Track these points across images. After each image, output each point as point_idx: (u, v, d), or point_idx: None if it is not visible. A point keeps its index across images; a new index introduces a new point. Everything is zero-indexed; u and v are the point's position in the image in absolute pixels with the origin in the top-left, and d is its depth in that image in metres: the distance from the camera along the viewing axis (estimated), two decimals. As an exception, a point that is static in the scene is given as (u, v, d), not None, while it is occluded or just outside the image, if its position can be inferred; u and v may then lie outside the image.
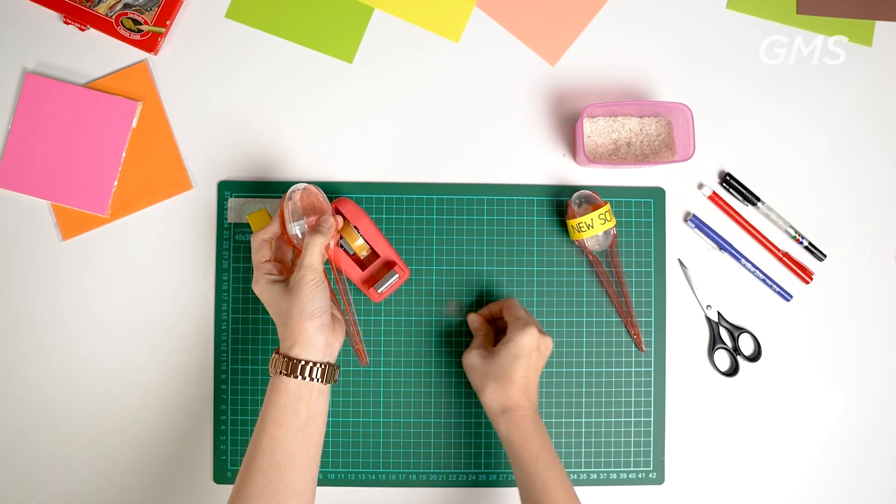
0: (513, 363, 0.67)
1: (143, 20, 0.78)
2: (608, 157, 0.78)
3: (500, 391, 0.67)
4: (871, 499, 0.79)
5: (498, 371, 0.67)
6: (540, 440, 0.66)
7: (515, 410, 0.66)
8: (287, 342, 0.63)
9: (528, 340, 0.68)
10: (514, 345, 0.67)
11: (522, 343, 0.67)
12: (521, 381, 0.67)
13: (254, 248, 0.68)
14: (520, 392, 0.67)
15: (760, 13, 0.81)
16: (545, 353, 0.69)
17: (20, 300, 0.77)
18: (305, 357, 0.62)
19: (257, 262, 0.68)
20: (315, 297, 0.63)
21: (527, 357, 0.67)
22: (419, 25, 0.81)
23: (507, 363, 0.67)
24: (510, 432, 0.66)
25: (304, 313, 0.62)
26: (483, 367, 0.69)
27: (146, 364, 0.77)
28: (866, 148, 0.81)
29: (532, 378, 0.68)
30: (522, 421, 0.66)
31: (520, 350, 0.67)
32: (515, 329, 0.68)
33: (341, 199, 0.73)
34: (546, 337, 0.69)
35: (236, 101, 0.79)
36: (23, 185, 0.77)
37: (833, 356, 0.80)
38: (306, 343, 0.62)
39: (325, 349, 0.63)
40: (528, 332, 0.68)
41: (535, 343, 0.68)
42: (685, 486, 0.78)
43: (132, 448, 0.77)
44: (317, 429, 0.63)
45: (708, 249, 0.80)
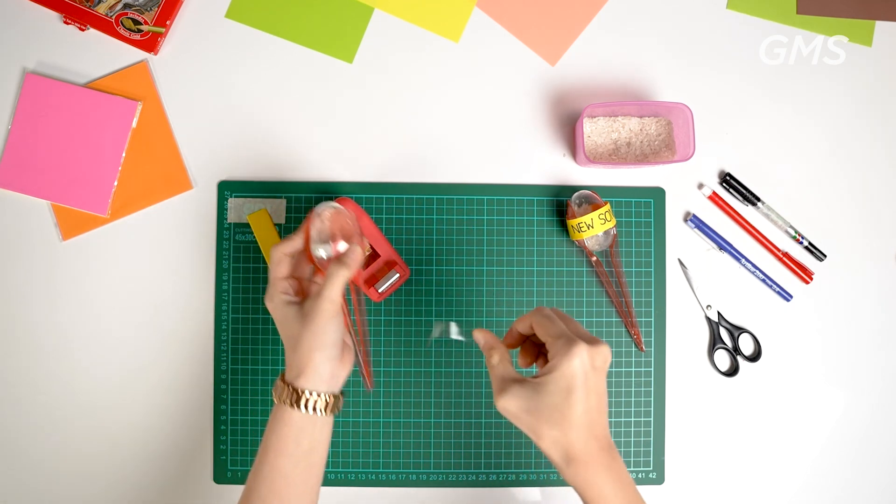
0: (567, 399, 0.52)
1: (143, 20, 0.78)
2: (608, 157, 0.78)
3: (561, 437, 0.53)
4: (871, 499, 0.79)
5: (551, 412, 0.53)
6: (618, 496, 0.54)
7: (584, 462, 0.53)
8: (293, 370, 0.61)
9: (579, 364, 0.52)
10: (561, 375, 0.53)
11: (572, 371, 0.52)
12: (584, 418, 0.53)
13: (273, 262, 0.65)
14: (585, 434, 0.53)
15: (760, 13, 0.81)
16: (603, 368, 0.54)
17: (20, 300, 0.77)
18: (311, 388, 0.60)
19: (275, 277, 0.64)
20: (329, 329, 0.61)
21: (583, 385, 0.53)
22: (419, 25, 0.81)
23: (559, 400, 0.53)
24: (582, 490, 0.54)
25: (315, 344, 0.60)
26: (531, 409, 0.53)
27: (146, 364, 0.77)
28: (866, 148, 0.81)
29: (596, 408, 0.54)
30: (594, 475, 0.53)
31: (571, 380, 0.52)
32: (558, 352, 0.53)
33: (341, 198, 0.74)
34: (599, 346, 0.54)
35: (236, 101, 0.79)
36: (23, 185, 0.77)
37: (833, 356, 0.80)
38: (312, 374, 0.60)
39: (332, 380, 0.61)
40: (576, 351, 0.53)
41: (587, 363, 0.53)
42: (685, 486, 0.78)
43: (132, 448, 0.77)
44: (318, 458, 0.62)
45: (708, 249, 0.80)
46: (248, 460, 0.77)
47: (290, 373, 0.61)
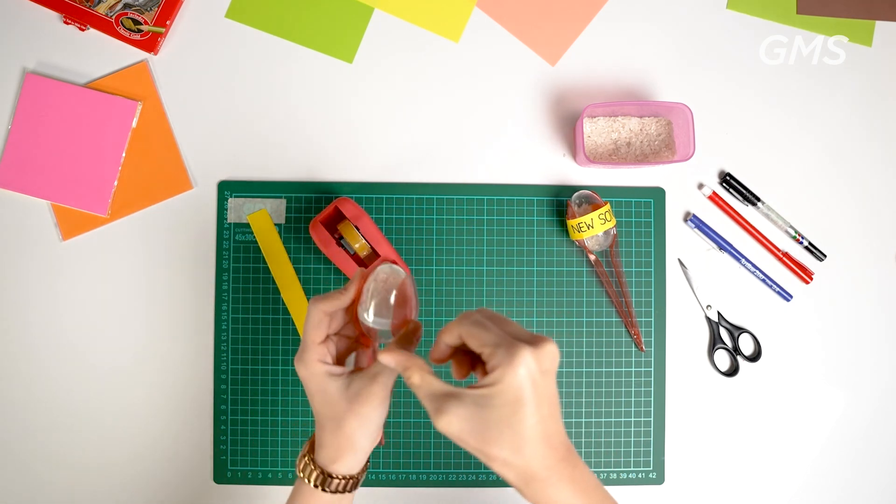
0: (515, 413, 0.45)
1: (143, 20, 0.78)
2: (608, 157, 0.78)
3: (513, 457, 0.46)
4: (871, 499, 0.79)
5: (500, 430, 0.46)
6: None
7: (543, 479, 0.47)
8: (329, 452, 0.55)
9: (525, 372, 0.45)
10: (507, 388, 0.45)
11: (518, 382, 0.45)
12: (537, 432, 0.46)
13: (311, 322, 0.55)
14: (542, 448, 0.46)
15: (760, 13, 0.81)
16: (552, 370, 0.47)
17: (20, 300, 0.77)
18: (346, 472, 0.55)
19: (312, 340, 0.55)
20: (378, 418, 0.55)
21: (532, 395, 0.46)
22: (419, 25, 0.81)
23: (506, 415, 0.45)
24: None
25: (364, 430, 0.54)
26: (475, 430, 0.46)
27: (146, 364, 0.77)
28: (866, 148, 0.81)
29: (550, 416, 0.47)
30: (557, 492, 0.47)
31: (519, 392, 0.45)
32: (500, 362, 0.46)
33: (341, 198, 0.74)
34: (544, 346, 0.47)
35: (236, 101, 0.79)
36: (23, 185, 0.77)
37: (833, 356, 0.80)
38: (351, 458, 0.55)
39: (365, 458, 0.57)
40: (520, 359, 0.45)
41: (535, 369, 0.46)
42: (685, 486, 0.78)
43: (132, 448, 0.77)
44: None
45: (708, 249, 0.80)
46: (248, 460, 0.77)
47: (325, 454, 0.55)
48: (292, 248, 0.78)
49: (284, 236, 0.78)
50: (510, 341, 0.46)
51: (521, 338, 0.47)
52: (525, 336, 0.48)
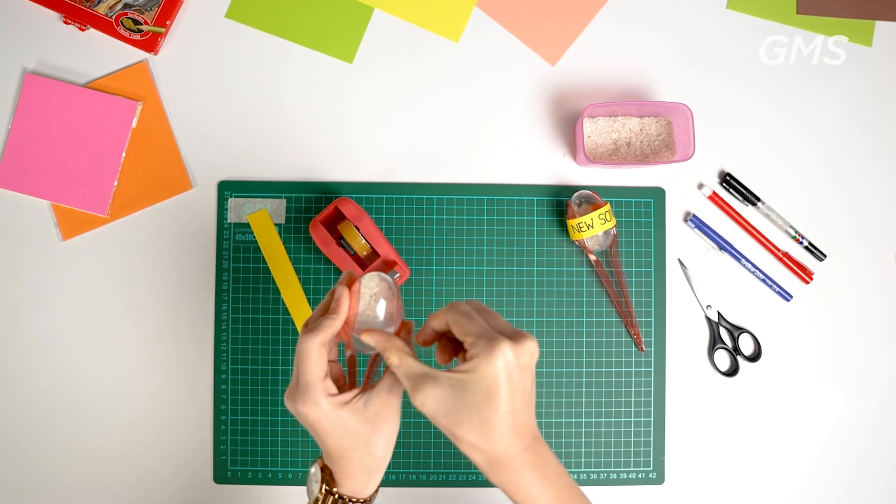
0: (487, 402, 0.47)
1: (143, 20, 0.78)
2: (608, 157, 0.78)
3: (480, 441, 0.48)
4: (872, 499, 0.79)
5: (470, 414, 0.47)
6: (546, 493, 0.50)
7: (507, 464, 0.49)
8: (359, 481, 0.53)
9: (502, 364, 0.47)
10: (482, 377, 0.47)
11: (494, 372, 0.47)
12: (506, 421, 0.48)
13: (311, 359, 0.51)
14: (507, 436, 0.48)
15: (760, 13, 0.81)
16: (530, 365, 0.49)
17: (20, 300, 0.77)
18: (369, 494, 0.54)
19: (315, 377, 0.51)
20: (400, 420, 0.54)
21: (506, 387, 0.47)
22: (419, 25, 0.81)
23: (478, 402, 0.47)
24: (509, 492, 0.51)
25: (390, 446, 0.53)
26: (448, 411, 0.48)
27: (146, 364, 0.77)
28: (866, 148, 0.81)
29: (522, 407, 0.49)
30: (520, 477, 0.49)
31: (493, 382, 0.47)
32: (480, 352, 0.47)
33: (341, 198, 0.74)
34: (524, 342, 0.48)
35: (236, 100, 0.79)
36: (23, 185, 0.77)
37: (833, 356, 0.79)
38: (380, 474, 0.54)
39: None
40: (499, 351, 0.47)
41: (512, 362, 0.47)
42: (685, 486, 0.78)
43: (132, 447, 0.77)
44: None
45: (708, 249, 0.80)
46: (248, 460, 0.77)
47: (355, 484, 0.53)
48: (292, 248, 0.78)
49: (284, 236, 0.78)
50: (493, 334, 0.48)
51: (504, 332, 0.49)
52: (507, 331, 0.49)
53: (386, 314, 0.52)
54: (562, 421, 0.78)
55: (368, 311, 0.52)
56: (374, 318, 0.52)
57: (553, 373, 0.78)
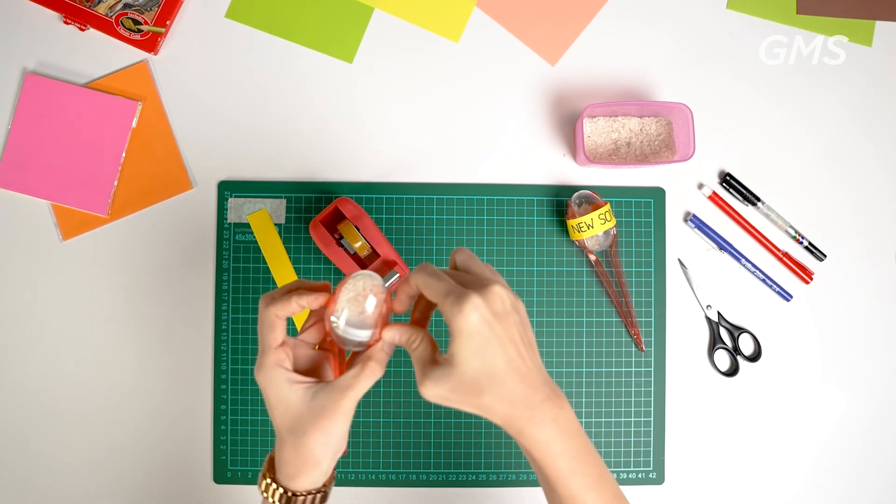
0: (482, 360, 0.46)
1: (143, 20, 0.78)
2: (608, 157, 0.78)
3: (495, 402, 0.47)
4: (872, 499, 0.79)
5: (476, 380, 0.46)
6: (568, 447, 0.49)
7: (527, 418, 0.48)
8: (290, 470, 0.51)
9: (476, 318, 0.46)
10: (465, 339, 0.46)
11: (471, 329, 0.46)
12: (510, 372, 0.47)
13: (265, 324, 0.51)
14: (520, 388, 0.47)
15: (760, 13, 0.81)
16: (505, 311, 0.47)
17: (20, 300, 0.77)
18: (310, 488, 0.51)
19: (268, 343, 0.51)
20: (344, 433, 0.50)
21: (492, 339, 0.46)
22: (419, 25, 0.81)
23: (475, 364, 0.46)
24: (528, 447, 0.49)
25: (329, 445, 0.50)
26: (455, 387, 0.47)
27: (146, 364, 0.77)
28: (866, 148, 0.81)
29: (520, 356, 0.47)
30: (537, 430, 0.48)
31: (478, 339, 0.46)
32: (451, 314, 0.46)
33: (341, 198, 0.73)
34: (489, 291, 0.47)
35: (236, 101, 0.79)
36: (23, 185, 0.77)
37: (833, 356, 0.79)
38: (315, 473, 0.51)
39: (330, 470, 0.53)
40: (469, 306, 0.45)
41: (487, 314, 0.46)
42: (685, 486, 0.78)
43: (132, 448, 0.77)
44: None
45: (708, 249, 0.80)
46: (248, 460, 0.77)
47: (285, 472, 0.51)
48: (292, 248, 0.78)
49: (284, 236, 0.78)
50: (459, 291, 0.46)
51: (469, 284, 0.47)
52: (474, 283, 0.47)
53: (374, 312, 0.51)
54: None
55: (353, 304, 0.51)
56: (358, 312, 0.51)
57: (553, 373, 0.78)
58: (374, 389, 0.77)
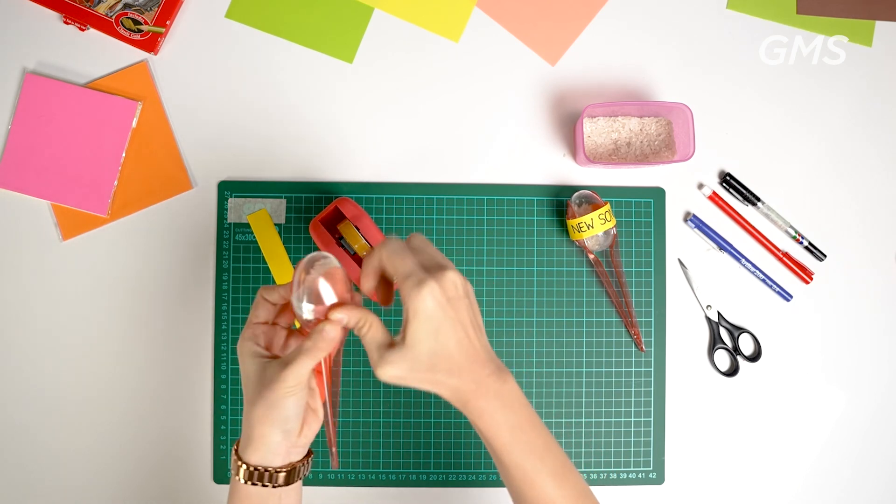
0: (436, 340, 0.50)
1: (143, 20, 0.78)
2: (608, 157, 0.78)
3: (446, 378, 0.51)
4: (872, 499, 0.79)
5: (429, 359, 0.50)
6: (511, 417, 0.52)
7: (474, 391, 0.51)
8: (244, 439, 0.54)
9: (431, 302, 0.49)
10: (421, 321, 0.49)
11: (427, 312, 0.49)
12: (459, 353, 0.51)
13: (254, 302, 0.57)
14: (467, 366, 0.51)
15: (760, 13, 0.81)
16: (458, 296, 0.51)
17: (20, 300, 0.77)
18: (262, 463, 0.53)
19: (250, 319, 0.56)
20: (288, 408, 0.53)
21: (445, 321, 0.50)
22: (419, 25, 0.81)
23: (429, 345, 0.50)
24: (474, 418, 0.52)
25: (268, 418, 0.53)
26: (412, 367, 0.50)
27: (146, 364, 0.77)
28: (866, 147, 0.81)
29: (468, 338, 0.51)
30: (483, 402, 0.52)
31: (432, 322, 0.49)
32: (408, 296, 0.50)
33: (341, 198, 0.74)
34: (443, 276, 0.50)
35: (236, 101, 0.79)
36: (23, 185, 0.77)
37: (833, 356, 0.80)
38: (262, 448, 0.53)
39: (288, 454, 0.55)
40: (425, 291, 0.49)
41: (441, 298, 0.50)
42: (685, 486, 0.78)
43: (132, 448, 0.77)
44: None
45: (708, 249, 0.80)
46: (248, 460, 0.77)
47: (243, 440, 0.54)
48: (292, 248, 0.78)
49: (284, 236, 0.78)
50: (419, 275, 0.50)
51: (429, 267, 0.51)
52: (432, 265, 0.51)
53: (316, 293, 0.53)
54: (562, 421, 0.78)
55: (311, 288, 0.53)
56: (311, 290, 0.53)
57: (553, 373, 0.78)
58: (374, 389, 0.77)
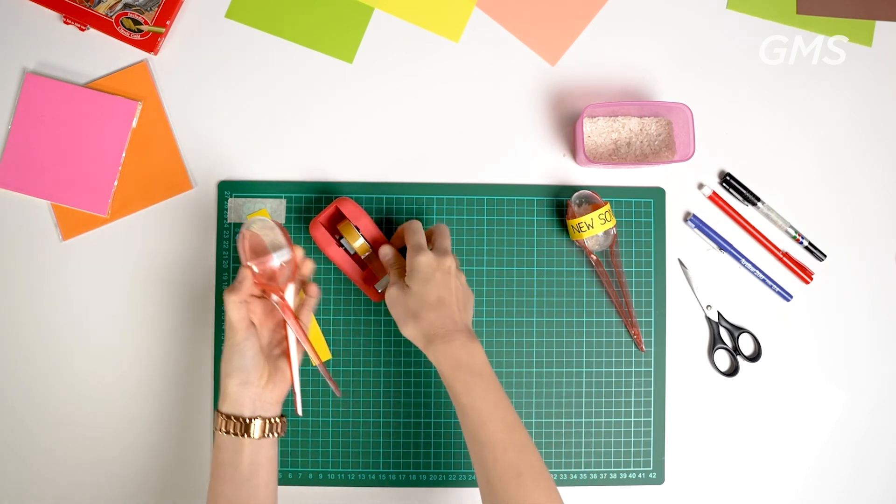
0: (423, 288, 0.64)
1: (143, 20, 0.78)
2: (608, 157, 0.78)
3: (423, 321, 0.64)
4: (872, 499, 0.79)
5: (416, 301, 0.64)
6: (473, 366, 0.62)
7: (442, 337, 0.63)
8: (220, 395, 0.64)
9: (424, 262, 0.65)
10: (415, 271, 0.65)
11: (418, 267, 0.65)
12: (438, 305, 0.64)
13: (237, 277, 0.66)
14: (441, 317, 0.64)
15: (760, 13, 0.81)
16: (450, 272, 0.66)
17: (20, 300, 0.77)
18: (236, 413, 0.62)
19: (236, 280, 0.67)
20: (232, 356, 0.63)
21: (433, 280, 0.64)
22: (419, 25, 0.81)
23: (419, 290, 0.64)
24: (439, 362, 0.63)
25: (225, 370, 0.63)
26: (403, 301, 0.65)
27: (146, 364, 0.77)
28: (866, 148, 0.81)
29: (453, 301, 0.65)
30: (449, 347, 0.62)
31: (421, 273, 0.64)
32: (410, 255, 0.66)
33: (341, 198, 0.74)
34: (443, 256, 0.66)
35: (236, 101, 0.79)
36: (23, 185, 0.77)
37: (833, 356, 0.80)
38: (229, 400, 0.62)
39: (255, 405, 0.63)
40: (422, 256, 0.65)
41: (433, 263, 0.65)
42: (685, 486, 0.79)
43: (132, 448, 0.77)
44: (263, 480, 0.62)
45: (708, 249, 0.80)
46: (248, 460, 0.77)
47: (220, 397, 0.64)
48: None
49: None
50: (422, 247, 0.66)
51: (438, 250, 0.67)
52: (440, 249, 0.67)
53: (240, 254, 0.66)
54: (562, 421, 0.78)
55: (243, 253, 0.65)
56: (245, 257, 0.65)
57: (553, 373, 0.78)
58: (374, 389, 0.77)
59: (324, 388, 0.77)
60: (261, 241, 0.66)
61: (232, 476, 0.61)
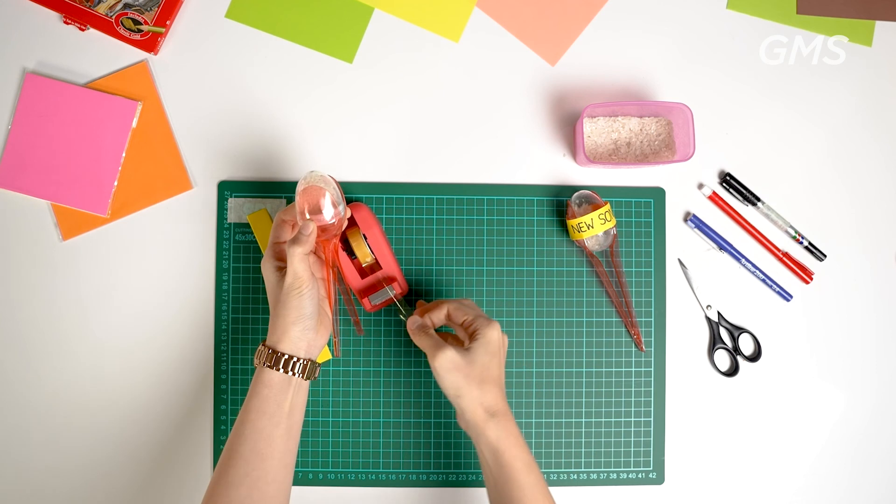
0: (492, 361, 0.64)
1: (143, 20, 0.78)
2: (608, 157, 0.78)
3: (487, 393, 0.63)
4: (871, 499, 0.79)
5: (481, 371, 0.63)
6: (527, 448, 0.64)
7: (504, 412, 0.64)
8: (273, 336, 0.65)
9: (498, 335, 0.65)
10: (488, 342, 0.64)
11: (496, 339, 0.64)
12: (500, 380, 0.65)
13: (273, 225, 0.69)
14: (502, 393, 0.65)
15: (760, 13, 0.81)
16: (506, 351, 0.68)
17: (20, 300, 0.77)
18: (290, 352, 0.64)
19: (272, 240, 0.68)
20: (301, 305, 0.64)
21: (500, 353, 0.65)
22: (419, 25, 0.81)
23: (486, 361, 0.63)
24: (501, 439, 0.62)
25: (289, 318, 0.64)
26: (465, 368, 0.63)
27: (146, 364, 0.77)
28: (866, 148, 0.81)
29: (501, 373, 0.66)
30: (511, 425, 0.63)
31: (495, 346, 0.64)
32: (481, 325, 0.65)
33: (355, 203, 0.73)
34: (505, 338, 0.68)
35: (236, 100, 0.79)
36: (23, 185, 0.77)
37: (833, 356, 0.80)
38: (289, 343, 0.64)
39: (309, 348, 0.65)
40: (495, 325, 0.65)
41: (502, 341, 0.66)
42: (685, 486, 0.79)
43: (132, 447, 0.77)
44: (296, 421, 0.65)
45: (708, 249, 0.80)
46: (248, 460, 0.77)
47: (271, 338, 0.65)
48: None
49: (284, 236, 0.78)
50: (488, 318, 0.66)
51: None
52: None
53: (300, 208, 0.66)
54: (562, 421, 0.78)
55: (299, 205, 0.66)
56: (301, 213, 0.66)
57: (553, 373, 0.78)
58: (375, 389, 0.77)
59: (324, 388, 0.77)
60: (318, 195, 0.66)
61: (274, 412, 0.63)
